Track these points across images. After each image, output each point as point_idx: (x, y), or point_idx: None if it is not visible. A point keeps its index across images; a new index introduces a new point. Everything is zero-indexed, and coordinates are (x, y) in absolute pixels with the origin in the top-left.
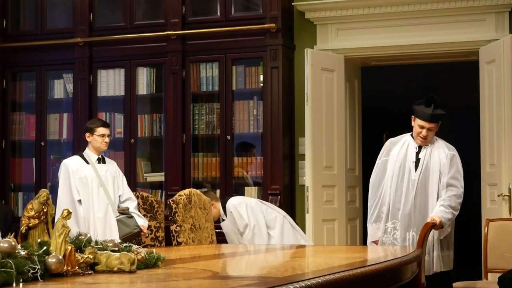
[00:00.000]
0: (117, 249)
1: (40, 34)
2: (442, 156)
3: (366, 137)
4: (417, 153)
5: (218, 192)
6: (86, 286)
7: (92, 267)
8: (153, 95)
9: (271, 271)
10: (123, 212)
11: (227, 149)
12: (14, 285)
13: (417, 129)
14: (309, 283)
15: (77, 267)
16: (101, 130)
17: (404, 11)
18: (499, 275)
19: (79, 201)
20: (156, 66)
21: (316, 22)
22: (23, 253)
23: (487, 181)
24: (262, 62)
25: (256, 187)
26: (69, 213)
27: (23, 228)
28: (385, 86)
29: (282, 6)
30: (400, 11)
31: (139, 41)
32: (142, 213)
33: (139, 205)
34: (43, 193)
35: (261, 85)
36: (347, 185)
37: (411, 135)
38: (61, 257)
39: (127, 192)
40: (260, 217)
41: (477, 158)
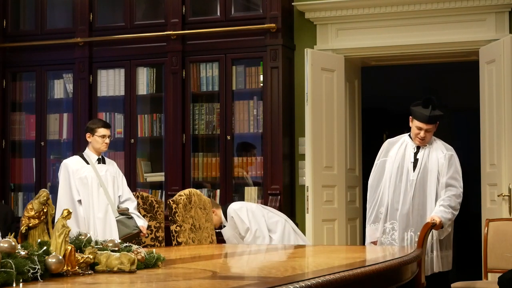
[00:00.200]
0: (117, 249)
1: (40, 34)
2: (440, 156)
3: (366, 137)
4: (415, 154)
5: (218, 192)
6: (86, 286)
7: (92, 267)
8: (153, 95)
9: (271, 271)
10: (123, 212)
11: (227, 149)
12: (14, 285)
13: (415, 130)
14: (309, 283)
15: (77, 267)
16: (102, 131)
17: (404, 11)
18: (499, 275)
19: (79, 201)
20: (156, 66)
21: (316, 22)
22: (23, 253)
23: (487, 181)
24: (262, 62)
25: (256, 187)
26: (69, 213)
27: (23, 228)
28: (385, 86)
29: (282, 6)
30: (400, 11)
31: (139, 41)
32: (142, 213)
33: (139, 205)
34: (43, 193)
35: (261, 85)
36: (347, 185)
37: (409, 135)
38: (61, 257)
39: (126, 192)
40: (261, 220)
41: (477, 158)
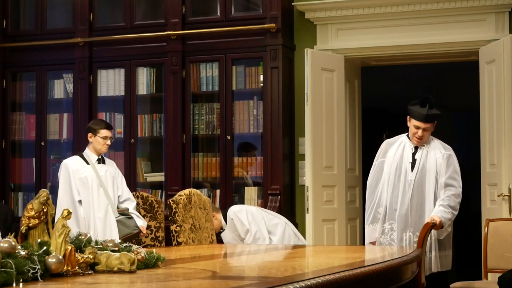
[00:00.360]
0: (117, 249)
1: (40, 34)
2: (439, 156)
3: (366, 137)
4: (413, 154)
5: (218, 192)
6: (86, 286)
7: (92, 267)
8: (153, 95)
9: (271, 271)
10: (122, 212)
11: (227, 149)
12: (14, 285)
13: (412, 130)
14: (309, 283)
15: (77, 267)
16: (104, 132)
17: (404, 11)
18: (499, 275)
19: (79, 201)
20: (156, 66)
21: (316, 22)
22: (23, 253)
23: (487, 181)
24: (262, 62)
25: (256, 187)
26: (69, 213)
27: (23, 228)
28: (385, 86)
29: (282, 6)
30: (400, 11)
31: (139, 41)
32: (142, 213)
33: (139, 205)
34: (43, 193)
35: (261, 85)
36: (347, 185)
37: (407, 135)
38: (61, 257)
39: (126, 192)
40: (261, 222)
41: (477, 158)
